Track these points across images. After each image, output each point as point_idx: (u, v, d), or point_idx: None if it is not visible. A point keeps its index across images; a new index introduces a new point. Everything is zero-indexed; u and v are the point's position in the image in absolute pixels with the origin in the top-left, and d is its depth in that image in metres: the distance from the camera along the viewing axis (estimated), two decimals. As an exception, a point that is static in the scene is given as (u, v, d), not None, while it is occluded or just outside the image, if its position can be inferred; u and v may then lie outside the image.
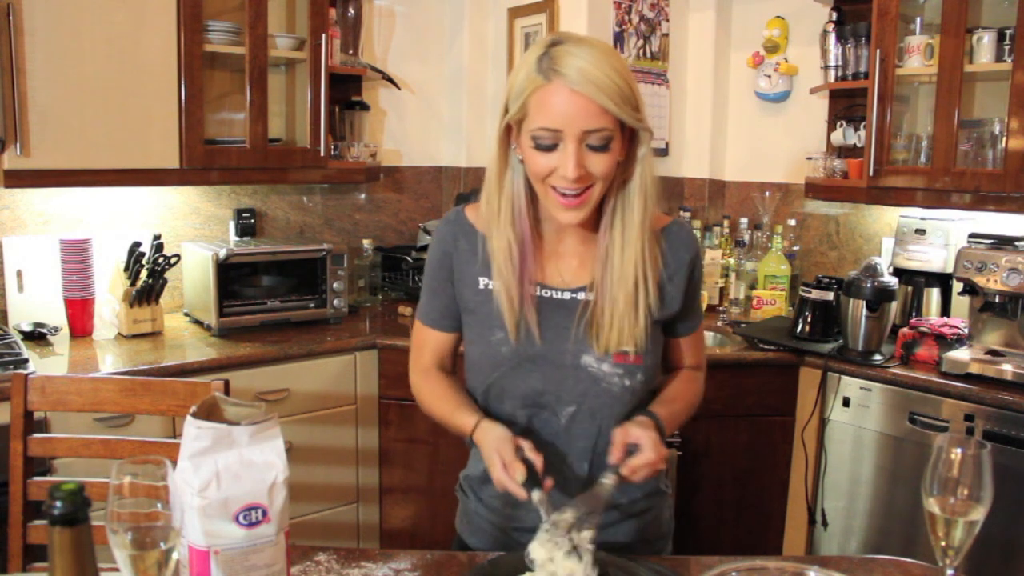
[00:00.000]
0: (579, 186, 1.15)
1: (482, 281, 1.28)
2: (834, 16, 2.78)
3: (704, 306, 1.36)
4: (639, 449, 1.15)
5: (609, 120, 1.12)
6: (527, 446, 1.15)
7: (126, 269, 2.57)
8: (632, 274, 1.21)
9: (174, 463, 0.91)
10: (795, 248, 3.04)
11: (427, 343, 1.39)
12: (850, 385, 2.39)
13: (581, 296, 1.25)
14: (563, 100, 1.11)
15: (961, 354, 2.28)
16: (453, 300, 1.33)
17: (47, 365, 2.26)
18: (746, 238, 3.10)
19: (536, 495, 1.11)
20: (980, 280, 2.28)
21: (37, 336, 2.46)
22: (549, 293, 1.26)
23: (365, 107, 3.14)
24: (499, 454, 1.14)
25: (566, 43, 1.14)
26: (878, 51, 2.49)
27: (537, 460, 1.13)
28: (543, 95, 1.12)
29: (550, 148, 1.14)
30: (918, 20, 2.55)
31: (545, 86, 1.12)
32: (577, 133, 1.12)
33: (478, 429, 1.22)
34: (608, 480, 1.15)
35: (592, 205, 1.18)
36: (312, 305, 2.77)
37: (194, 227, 2.93)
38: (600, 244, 1.24)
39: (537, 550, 1.08)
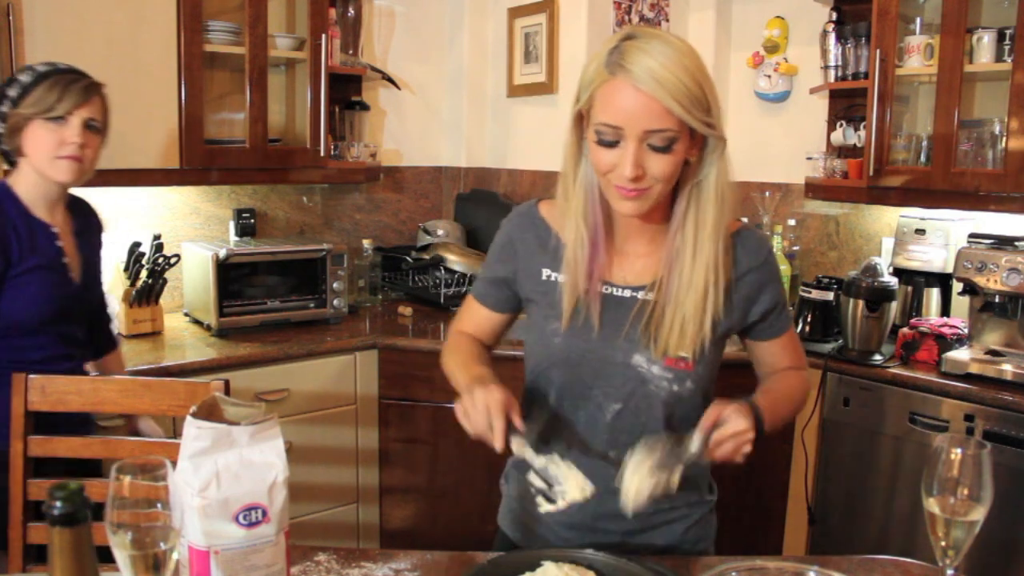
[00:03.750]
0: (637, 186, 1.13)
1: (545, 272, 1.29)
2: (834, 16, 2.78)
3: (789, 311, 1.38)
4: (726, 423, 1.13)
5: (673, 121, 1.10)
6: (513, 414, 1.14)
7: (126, 269, 2.57)
8: (703, 279, 1.19)
9: (174, 463, 0.91)
10: (795, 248, 3.04)
11: (469, 313, 1.42)
12: (850, 385, 2.39)
13: (641, 295, 1.24)
14: (626, 97, 1.10)
15: (961, 354, 2.28)
16: (506, 285, 1.36)
17: (47, 365, 2.26)
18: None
19: (515, 441, 1.13)
20: (980, 280, 2.28)
21: (37, 336, 2.46)
22: (611, 290, 1.26)
23: (365, 107, 3.14)
24: (489, 411, 1.13)
25: (640, 38, 1.12)
26: (878, 51, 2.49)
27: (520, 426, 1.13)
28: (608, 90, 1.11)
29: (612, 144, 1.13)
30: (918, 20, 2.55)
31: (610, 81, 1.11)
32: (638, 133, 1.10)
33: (483, 379, 1.21)
34: (695, 439, 1.13)
35: (652, 201, 1.16)
36: (312, 305, 2.77)
37: (194, 227, 2.93)
38: (670, 245, 1.22)
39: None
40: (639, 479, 1.10)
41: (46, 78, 1.67)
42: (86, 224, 1.85)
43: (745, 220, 3.13)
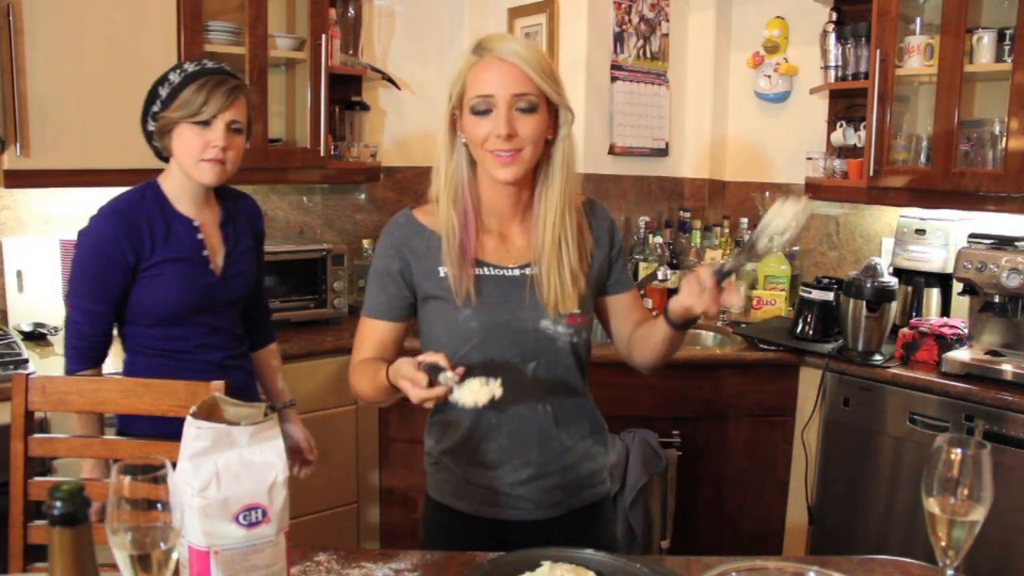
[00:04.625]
0: (511, 146, 1.30)
1: (442, 270, 1.40)
2: (834, 16, 2.78)
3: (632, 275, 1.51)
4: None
5: (533, 87, 1.31)
6: (426, 356, 1.22)
7: (126, 269, 2.57)
8: (554, 237, 1.37)
9: (174, 463, 0.91)
10: (795, 248, 3.04)
11: (368, 336, 1.46)
12: (850, 385, 2.39)
13: (528, 271, 1.40)
14: (494, 69, 1.31)
15: (961, 354, 2.28)
16: (402, 292, 1.43)
17: (47, 365, 2.26)
18: (746, 238, 3.09)
19: (444, 375, 1.20)
20: (980, 280, 2.28)
21: (37, 336, 2.46)
22: (496, 271, 1.40)
23: (365, 107, 3.14)
24: (406, 378, 1.22)
25: (495, 35, 1.36)
26: (878, 51, 2.49)
27: (439, 359, 1.21)
28: (477, 69, 1.32)
29: (485, 113, 1.31)
30: (918, 20, 2.55)
31: (478, 62, 1.32)
32: (507, 97, 1.30)
33: (389, 371, 1.30)
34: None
35: (525, 165, 1.33)
36: (312, 305, 2.77)
37: (194, 227, 2.92)
38: (534, 219, 1.40)
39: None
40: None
41: (194, 79, 1.69)
42: (234, 218, 1.87)
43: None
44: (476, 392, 1.21)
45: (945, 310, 2.62)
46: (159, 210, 1.76)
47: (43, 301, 2.59)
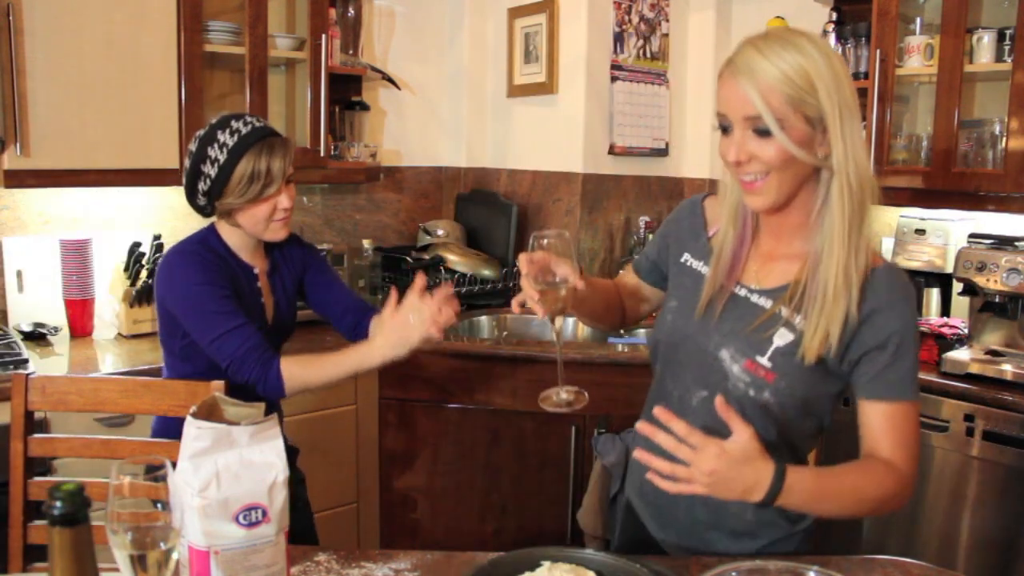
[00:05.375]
0: (748, 171, 1.17)
1: (684, 256, 1.37)
2: (834, 16, 2.78)
3: (915, 387, 1.27)
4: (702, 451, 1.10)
5: (768, 109, 1.12)
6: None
7: (126, 269, 2.57)
8: (834, 276, 1.16)
9: (174, 463, 0.91)
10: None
11: (623, 275, 1.53)
12: (850, 385, 2.39)
13: (756, 299, 1.26)
14: (726, 87, 1.17)
15: (961, 354, 2.28)
16: (655, 260, 1.46)
17: (47, 365, 2.26)
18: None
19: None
20: (980, 280, 2.28)
21: (37, 336, 2.46)
22: (742, 291, 1.28)
23: (365, 107, 3.14)
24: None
25: (753, 41, 1.17)
26: (878, 51, 2.49)
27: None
28: (720, 83, 1.19)
29: (725, 131, 1.19)
30: (918, 20, 2.55)
31: (721, 74, 1.19)
32: (739, 119, 1.16)
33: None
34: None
35: (773, 193, 1.18)
36: (312, 305, 2.77)
37: (194, 227, 2.90)
38: (808, 248, 1.22)
39: None
40: None
41: (241, 154, 1.64)
42: (280, 267, 1.86)
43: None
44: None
45: (945, 310, 2.62)
46: (226, 256, 1.75)
47: (43, 301, 2.59)
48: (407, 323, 1.62)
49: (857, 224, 1.16)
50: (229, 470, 0.95)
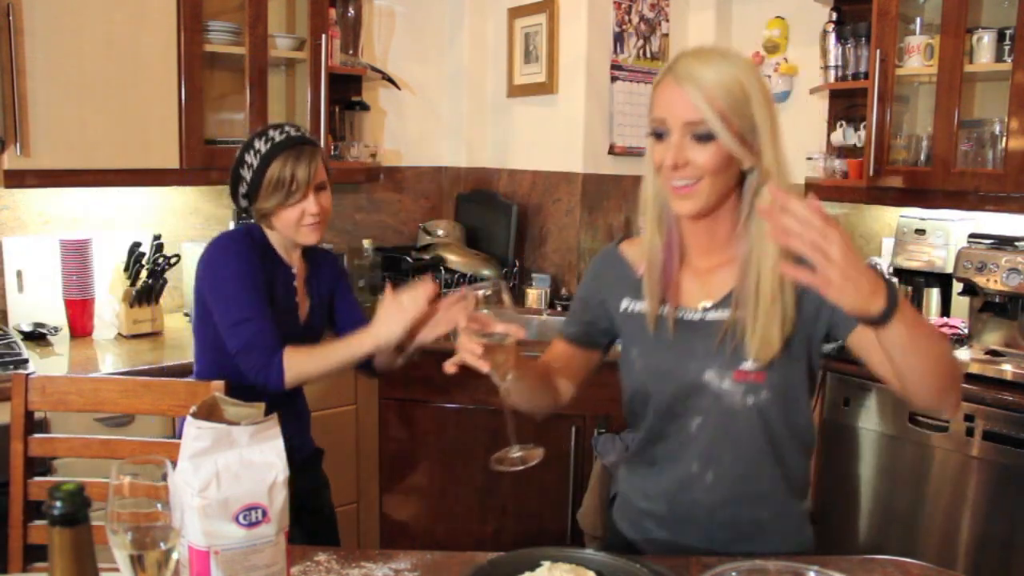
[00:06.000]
0: (682, 176, 1.19)
1: (624, 302, 1.36)
2: (834, 16, 2.78)
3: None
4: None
5: (709, 115, 1.16)
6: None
7: (126, 269, 2.57)
8: (769, 282, 1.20)
9: (174, 463, 0.91)
10: None
11: (552, 348, 1.46)
12: (850, 385, 2.39)
13: (712, 316, 1.28)
14: (668, 92, 1.20)
15: (961, 354, 2.28)
16: (587, 322, 1.42)
17: (47, 365, 2.26)
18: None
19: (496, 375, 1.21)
20: (980, 280, 2.28)
21: (37, 336, 2.46)
22: (684, 314, 1.30)
23: (365, 107, 3.14)
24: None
25: (692, 51, 1.23)
26: (878, 51, 2.49)
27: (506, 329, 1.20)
28: (658, 89, 1.23)
29: (660, 136, 1.22)
30: (918, 20, 2.55)
31: (661, 81, 1.23)
32: (679, 124, 1.19)
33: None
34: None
35: (703, 198, 1.21)
36: (312, 305, 2.77)
37: (194, 227, 2.92)
38: (739, 253, 1.26)
39: None
40: None
41: (272, 159, 1.71)
42: (317, 275, 1.91)
43: None
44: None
45: (945, 310, 2.62)
46: (266, 251, 1.80)
47: (43, 301, 2.59)
48: (401, 305, 1.65)
49: None
50: (229, 470, 0.95)
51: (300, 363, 1.68)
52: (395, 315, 1.66)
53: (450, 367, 1.21)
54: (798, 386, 1.29)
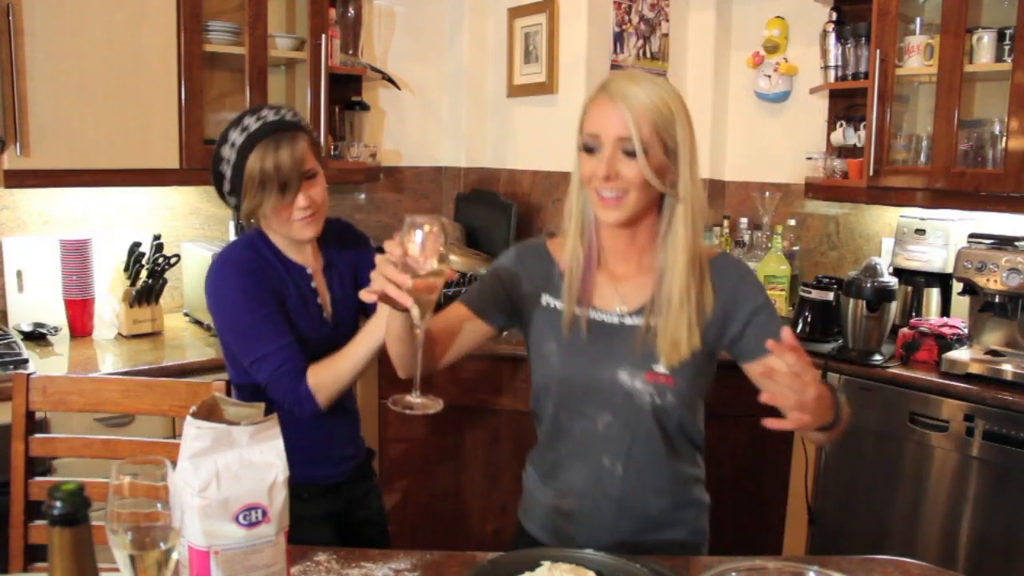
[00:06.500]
0: (611, 188, 1.27)
1: (544, 298, 1.41)
2: (834, 16, 2.78)
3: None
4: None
5: (640, 133, 1.25)
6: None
7: (126, 269, 2.57)
8: (677, 296, 1.30)
9: (174, 463, 0.91)
10: (795, 248, 3.04)
11: (445, 311, 1.44)
12: (850, 385, 2.39)
13: (628, 320, 1.36)
14: (604, 109, 1.28)
15: (961, 354, 2.28)
16: (497, 295, 1.43)
17: (47, 365, 2.26)
18: (746, 238, 3.10)
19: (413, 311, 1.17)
20: (980, 280, 2.28)
21: (37, 336, 2.46)
22: (601, 316, 1.37)
23: (365, 107, 3.14)
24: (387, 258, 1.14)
25: (625, 73, 1.34)
26: (878, 51, 2.49)
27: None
28: (592, 106, 1.31)
29: (592, 151, 1.29)
30: (918, 20, 2.55)
31: (595, 99, 1.31)
32: (612, 139, 1.26)
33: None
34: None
35: (629, 209, 1.29)
36: (312, 305, 2.76)
37: (194, 227, 2.93)
38: (655, 264, 1.35)
39: None
40: None
41: (248, 151, 1.55)
42: (335, 262, 1.76)
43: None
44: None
45: (945, 310, 2.62)
46: (275, 260, 1.66)
47: (43, 301, 2.59)
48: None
49: (697, 245, 1.32)
50: (229, 470, 0.95)
51: (326, 380, 1.57)
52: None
53: (368, 296, 1.14)
54: (698, 396, 1.39)
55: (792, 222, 3.04)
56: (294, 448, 1.66)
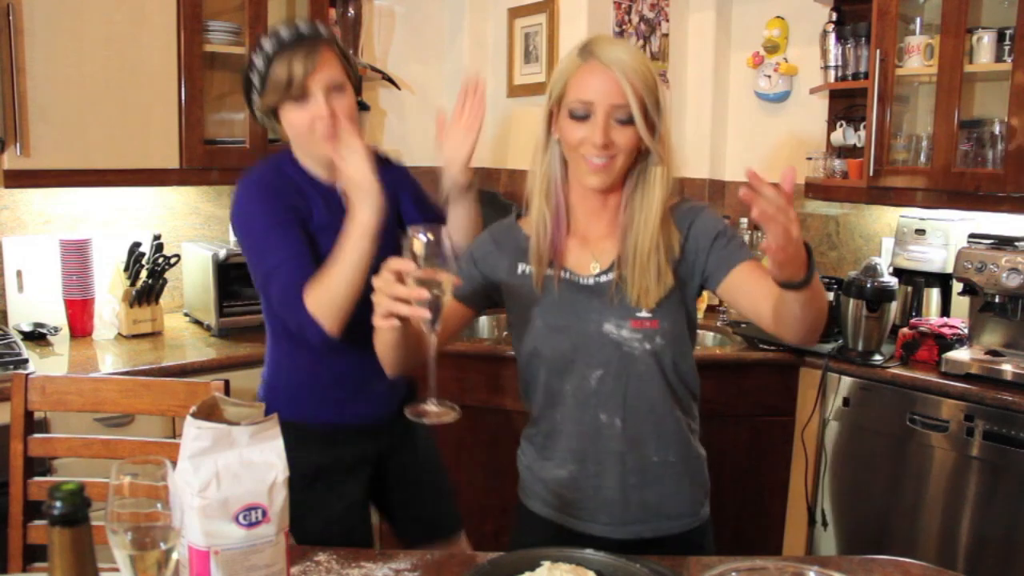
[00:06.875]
0: (602, 155, 1.30)
1: (520, 266, 1.42)
2: (834, 16, 2.78)
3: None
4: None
5: (633, 99, 1.28)
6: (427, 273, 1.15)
7: (126, 269, 2.58)
8: (647, 246, 1.34)
9: (174, 463, 0.91)
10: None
11: None
12: (850, 385, 2.39)
13: (604, 279, 1.38)
14: (597, 75, 1.29)
15: (961, 354, 2.28)
16: (474, 278, 1.45)
17: (47, 365, 2.26)
18: (746, 238, 3.10)
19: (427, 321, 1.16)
20: (980, 280, 2.28)
21: (37, 336, 2.46)
22: (576, 278, 1.39)
23: (365, 107, 3.14)
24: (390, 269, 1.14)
25: (604, 37, 1.36)
26: (878, 51, 2.49)
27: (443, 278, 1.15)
28: (581, 73, 1.31)
29: (583, 118, 1.30)
30: (918, 20, 2.55)
31: (583, 66, 1.31)
32: (606, 106, 1.29)
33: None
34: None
35: (615, 173, 1.33)
36: (312, 305, 2.76)
37: (194, 227, 2.93)
38: (621, 222, 1.38)
39: None
40: None
41: (276, 57, 1.55)
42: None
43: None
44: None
45: (945, 310, 2.62)
46: (301, 179, 1.64)
47: (43, 301, 2.59)
48: (340, 154, 1.50)
49: (668, 201, 1.37)
50: (229, 470, 0.95)
51: (322, 298, 1.49)
52: (350, 157, 1.49)
53: (386, 321, 1.14)
54: (683, 334, 1.40)
55: (792, 222, 3.04)
56: (321, 385, 1.69)
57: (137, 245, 2.58)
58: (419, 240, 1.12)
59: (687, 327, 1.41)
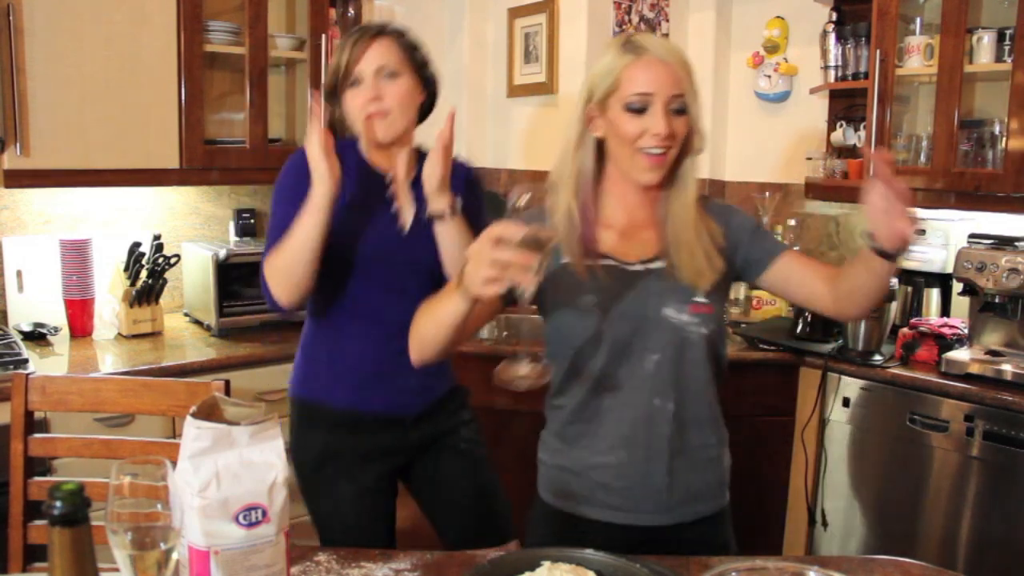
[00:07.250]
0: (661, 146, 1.32)
1: (565, 258, 1.40)
2: (834, 16, 2.78)
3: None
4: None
5: (687, 90, 1.33)
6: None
7: (126, 269, 2.58)
8: (690, 229, 1.38)
9: (174, 463, 0.91)
10: (795, 248, 3.04)
11: None
12: (850, 385, 2.39)
13: (653, 266, 1.39)
14: (654, 68, 1.32)
15: (961, 354, 2.28)
16: None
17: (47, 365, 2.26)
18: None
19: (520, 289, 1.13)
20: (980, 280, 2.28)
21: (37, 336, 2.46)
22: (622, 264, 1.39)
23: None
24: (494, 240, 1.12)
25: (642, 34, 1.40)
26: (878, 51, 2.49)
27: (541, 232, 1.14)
28: (636, 67, 1.32)
29: (639, 111, 1.32)
30: (918, 20, 2.55)
31: (637, 60, 1.33)
32: (665, 97, 1.31)
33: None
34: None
35: (668, 165, 1.36)
36: (312, 305, 2.76)
37: (194, 227, 2.93)
38: (665, 211, 1.41)
39: None
40: None
41: (340, 46, 1.65)
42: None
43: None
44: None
45: (945, 310, 2.62)
46: (351, 163, 1.67)
47: (43, 301, 2.59)
48: (311, 151, 1.57)
49: (699, 188, 1.41)
50: (229, 470, 0.95)
51: (274, 264, 1.57)
52: (307, 140, 1.55)
53: (492, 287, 1.10)
54: (723, 320, 1.45)
55: (792, 222, 3.04)
56: (338, 366, 1.70)
57: (137, 245, 2.58)
58: (524, 199, 1.15)
59: (723, 315, 1.47)
